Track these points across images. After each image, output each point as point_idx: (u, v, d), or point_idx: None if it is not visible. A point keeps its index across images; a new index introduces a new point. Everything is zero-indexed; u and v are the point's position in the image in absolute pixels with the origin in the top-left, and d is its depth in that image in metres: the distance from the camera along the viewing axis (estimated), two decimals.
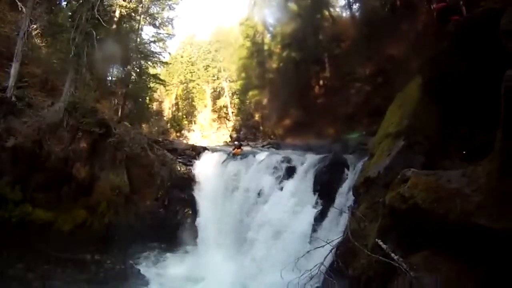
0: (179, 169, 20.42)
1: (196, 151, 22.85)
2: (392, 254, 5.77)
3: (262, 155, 19.39)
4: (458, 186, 5.39)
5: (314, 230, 13.55)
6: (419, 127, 8.75)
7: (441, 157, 7.63)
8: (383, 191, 7.34)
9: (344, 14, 31.40)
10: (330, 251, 8.17)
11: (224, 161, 20.47)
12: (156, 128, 33.70)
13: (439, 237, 5.50)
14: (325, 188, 14.63)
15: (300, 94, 28.67)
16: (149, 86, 30.96)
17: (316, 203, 14.62)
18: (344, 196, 13.14)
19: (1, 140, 14.56)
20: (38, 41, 20.16)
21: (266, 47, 35.76)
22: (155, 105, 35.78)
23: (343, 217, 12.03)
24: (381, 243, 6.37)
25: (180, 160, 21.16)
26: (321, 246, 9.52)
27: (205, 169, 20.79)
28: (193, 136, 37.27)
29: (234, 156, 20.08)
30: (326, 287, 9.21)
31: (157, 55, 30.13)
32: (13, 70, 15.81)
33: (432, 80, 8.81)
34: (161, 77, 33.40)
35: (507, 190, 4.74)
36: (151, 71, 31.87)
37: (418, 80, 9.85)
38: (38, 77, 18.72)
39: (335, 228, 12.43)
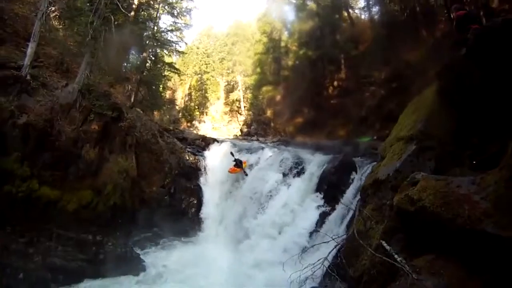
0: (187, 158, 20.50)
1: (206, 142, 22.94)
2: (396, 256, 5.73)
3: (270, 151, 19.37)
4: (467, 192, 5.37)
5: (317, 229, 13.53)
6: (432, 133, 8.67)
7: (451, 164, 7.55)
8: (391, 194, 7.31)
9: (362, 16, 31.33)
10: (335, 247, 8.13)
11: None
12: (168, 116, 33.82)
13: (444, 242, 5.47)
14: (331, 188, 14.62)
15: (313, 93, 28.63)
16: (163, 74, 30.99)
17: (321, 203, 14.58)
18: (349, 199, 13.06)
19: (13, 117, 14.62)
20: (56, 23, 20.35)
21: (282, 44, 35.71)
22: (168, 94, 35.83)
23: (346, 219, 12.03)
24: (385, 244, 6.33)
25: (189, 150, 21.24)
26: (325, 242, 9.53)
27: (213, 160, 20.87)
28: (204, 127, 37.37)
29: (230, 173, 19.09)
30: (326, 285, 9.23)
31: (174, 44, 30.13)
32: (30, 49, 15.96)
33: (448, 87, 8.73)
34: (176, 66, 33.42)
35: None
36: (167, 59, 31.93)
37: (434, 86, 9.76)
38: (54, 58, 18.87)
39: (337, 229, 12.43)
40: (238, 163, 18.53)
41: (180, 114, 38.39)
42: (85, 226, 15.28)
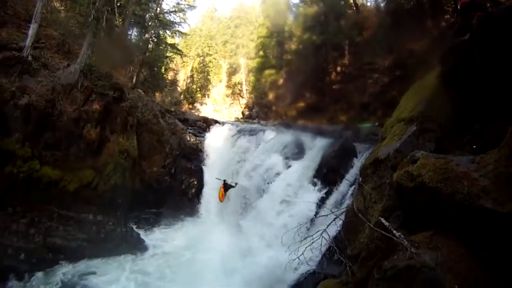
0: (188, 139, 20.57)
1: (207, 124, 22.97)
2: (394, 231, 5.77)
3: (271, 134, 19.37)
4: (466, 170, 5.43)
5: (316, 211, 13.60)
6: (433, 115, 8.67)
7: (451, 147, 7.57)
8: (391, 173, 7.33)
9: (368, 3, 30.97)
10: (333, 220, 8.21)
11: (234, 135, 20.47)
12: (169, 98, 33.75)
13: (442, 218, 5.51)
14: (331, 173, 14.62)
15: (316, 78, 28.44)
16: (166, 55, 30.84)
17: (321, 186, 14.62)
18: (349, 183, 13.07)
19: (14, 98, 14.63)
20: (58, 4, 20.20)
21: (286, 28, 35.37)
22: (170, 76, 35.65)
23: (345, 203, 12.05)
24: (383, 220, 6.38)
25: (190, 131, 21.30)
26: (325, 215, 9.60)
27: (214, 141, 20.94)
28: (206, 110, 37.30)
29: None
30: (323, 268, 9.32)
31: (176, 25, 29.88)
32: (31, 30, 15.88)
33: (450, 71, 8.72)
34: (179, 48, 33.24)
35: None
36: (169, 40, 31.75)
37: (436, 71, 9.73)
38: (56, 39, 18.78)
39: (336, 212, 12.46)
40: (228, 186, 17.23)
41: (182, 96, 38.27)
42: (86, 206, 15.44)
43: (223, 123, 23.57)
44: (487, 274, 4.68)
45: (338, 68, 29.39)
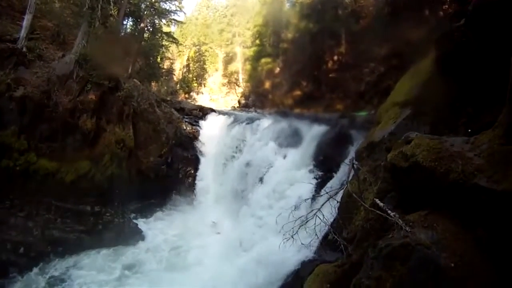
0: (184, 128, 20.61)
1: (203, 112, 23.02)
2: (389, 211, 5.81)
3: (268, 121, 19.38)
4: (460, 150, 5.44)
5: (313, 199, 13.64)
6: (427, 99, 8.70)
7: (446, 131, 7.59)
8: (385, 155, 7.35)
9: None
10: (327, 200, 8.24)
11: (230, 124, 20.47)
12: (165, 88, 33.57)
13: (437, 198, 5.53)
14: (327, 160, 14.63)
15: (312, 66, 28.37)
16: (161, 44, 30.67)
17: (317, 174, 14.65)
18: (345, 170, 13.09)
19: (10, 90, 14.60)
20: None
21: (283, 16, 35.15)
22: (166, 65, 35.45)
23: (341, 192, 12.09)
24: (378, 201, 6.40)
25: (186, 120, 21.30)
26: (319, 195, 9.64)
27: (210, 130, 21.03)
28: (202, 99, 37.22)
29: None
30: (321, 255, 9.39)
31: (172, 14, 29.65)
32: (25, 21, 15.80)
33: (445, 56, 8.71)
34: (174, 36, 33.05)
35: (510, 154, 4.85)
36: (165, 29, 31.54)
37: (432, 55, 9.72)
38: (50, 30, 18.67)
39: (332, 199, 12.49)
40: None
41: (178, 85, 38.07)
42: (83, 197, 15.48)
43: (219, 112, 23.56)
44: (482, 252, 4.72)
45: (335, 57, 29.25)
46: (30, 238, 13.25)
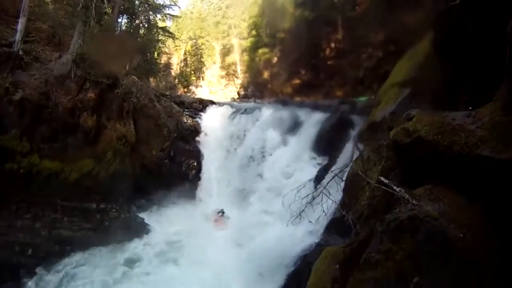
0: (185, 121, 20.58)
1: (203, 105, 22.98)
2: (395, 187, 5.84)
3: (268, 110, 19.37)
4: (462, 123, 5.48)
5: (316, 185, 13.67)
6: (426, 79, 8.69)
7: (446, 109, 7.59)
8: (387, 134, 7.37)
9: None
10: (333, 177, 8.29)
11: (231, 114, 20.47)
12: (164, 83, 33.51)
13: (441, 172, 5.56)
14: (329, 145, 14.64)
15: (310, 55, 28.27)
16: (158, 39, 30.60)
17: (319, 160, 14.69)
18: (348, 154, 13.08)
19: (8, 94, 14.58)
20: None
21: (278, 5, 34.92)
22: (163, 60, 35.37)
23: (345, 175, 12.09)
24: (383, 178, 6.43)
25: (187, 113, 21.27)
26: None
27: (211, 122, 21.04)
28: (201, 92, 37.14)
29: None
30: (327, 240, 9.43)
31: (167, 8, 29.57)
32: (20, 25, 15.67)
33: (441, 35, 8.67)
34: (170, 31, 32.94)
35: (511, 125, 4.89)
36: (160, 24, 31.45)
37: (429, 36, 9.68)
38: (45, 32, 18.57)
39: (336, 185, 12.51)
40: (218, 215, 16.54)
41: (176, 80, 37.99)
42: (88, 195, 15.55)
43: (219, 104, 23.53)
44: (489, 223, 4.75)
45: (332, 44, 29.10)
46: (38, 239, 13.29)
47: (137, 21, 27.32)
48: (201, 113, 21.74)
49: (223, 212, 16.29)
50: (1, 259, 12.05)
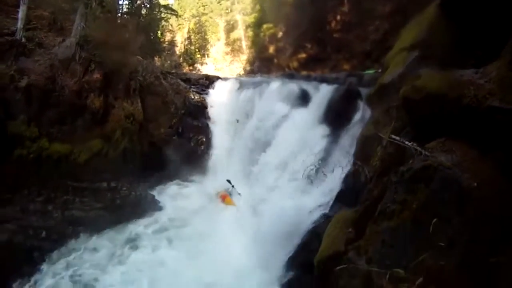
0: (192, 97, 20.49)
1: (210, 81, 22.78)
2: (407, 142, 5.86)
3: (276, 84, 19.19)
4: (471, 78, 5.53)
5: (325, 157, 13.65)
6: (434, 42, 8.48)
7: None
8: (396, 96, 7.35)
9: None
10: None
11: (237, 89, 20.36)
12: (169, 62, 33.28)
13: (451, 126, 5.56)
14: (338, 116, 14.50)
15: (316, 28, 27.95)
16: (160, 17, 30.35)
17: (328, 131, 14.59)
18: (357, 125, 12.99)
19: (14, 81, 14.66)
20: None
21: None
22: (167, 39, 35.10)
23: (353, 147, 12.00)
24: (394, 136, 6.44)
25: (193, 89, 21.15)
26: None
27: (218, 97, 20.93)
28: (206, 70, 36.80)
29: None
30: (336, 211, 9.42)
31: None
32: (21, 13, 15.63)
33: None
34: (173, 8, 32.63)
35: None
36: (162, 2, 31.16)
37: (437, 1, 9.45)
38: (46, 19, 18.45)
39: (345, 156, 12.46)
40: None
41: (181, 58, 37.68)
42: (99, 174, 15.67)
43: (225, 79, 23.35)
44: (502, 174, 4.71)
45: (338, 17, 28.69)
46: (50, 221, 13.36)
47: (138, 1, 27.05)
48: (208, 89, 21.55)
49: (233, 187, 16.23)
50: (15, 243, 12.07)
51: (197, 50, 39.45)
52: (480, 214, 4.35)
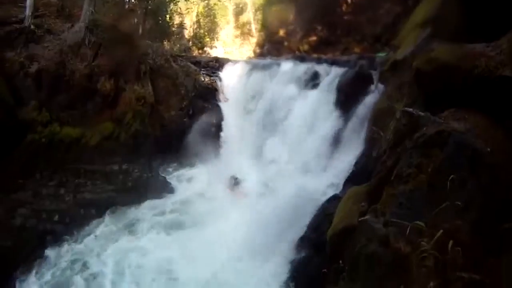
0: (203, 79, 20.48)
1: (220, 63, 22.68)
2: (420, 113, 5.94)
3: (287, 65, 19.06)
4: (482, 50, 5.74)
5: (335, 139, 13.62)
6: (446, 18, 8.49)
7: None
8: (409, 73, 7.44)
9: None
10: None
11: (248, 71, 20.28)
12: (178, 45, 33.09)
13: (464, 97, 5.72)
14: (349, 99, 14.40)
15: (326, 11, 27.58)
16: (169, 0, 30.15)
17: (339, 113, 14.51)
18: (367, 107, 12.86)
19: (24, 68, 14.89)
20: None
21: None
22: (176, 23, 34.91)
23: (364, 127, 11.92)
24: (407, 108, 6.51)
25: (204, 72, 21.09)
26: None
27: (229, 79, 20.87)
28: (216, 53, 36.44)
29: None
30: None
31: None
32: (28, 0, 15.80)
33: None
34: None
35: None
36: None
37: None
38: (54, 6, 18.55)
39: (356, 138, 12.42)
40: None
41: (190, 42, 37.38)
42: (110, 157, 15.87)
43: (236, 61, 23.21)
44: None
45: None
46: (63, 205, 13.51)
47: None
48: (218, 72, 21.45)
49: (236, 178, 15.86)
50: (28, 227, 12.26)
51: (206, 33, 39.06)
52: (493, 179, 4.40)
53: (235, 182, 15.56)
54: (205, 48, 37.42)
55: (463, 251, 3.85)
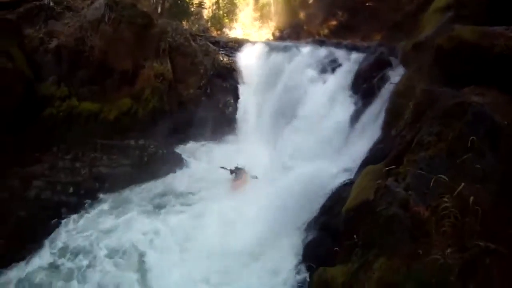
0: (221, 59, 20.50)
1: (239, 44, 22.57)
2: (439, 89, 6.25)
3: (306, 49, 18.96)
4: (502, 31, 6.13)
5: (352, 124, 13.58)
6: (468, 3, 8.59)
7: None
8: (429, 55, 7.64)
9: None
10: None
11: (267, 52, 20.25)
12: (197, 26, 32.99)
13: (482, 75, 5.98)
14: (368, 84, 14.31)
15: None
16: None
17: (357, 98, 14.46)
18: (386, 94, 12.75)
19: (44, 43, 15.16)
20: None
21: None
22: (195, 4, 34.72)
23: (382, 114, 11.82)
24: (425, 86, 6.66)
25: (222, 52, 21.10)
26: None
27: (248, 60, 20.77)
28: (234, 34, 36.15)
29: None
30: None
31: None
32: None
33: None
34: None
35: None
36: None
37: None
38: None
39: (373, 124, 12.35)
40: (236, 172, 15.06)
41: (209, 23, 37.26)
42: (127, 133, 16.06)
43: (255, 43, 23.13)
44: None
45: None
46: (78, 178, 13.79)
47: None
48: (237, 52, 21.39)
49: (239, 169, 15.17)
50: (43, 199, 12.58)
51: (225, 15, 38.85)
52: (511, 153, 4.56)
53: (236, 174, 15.05)
54: (223, 29, 37.21)
55: (482, 219, 3.90)
